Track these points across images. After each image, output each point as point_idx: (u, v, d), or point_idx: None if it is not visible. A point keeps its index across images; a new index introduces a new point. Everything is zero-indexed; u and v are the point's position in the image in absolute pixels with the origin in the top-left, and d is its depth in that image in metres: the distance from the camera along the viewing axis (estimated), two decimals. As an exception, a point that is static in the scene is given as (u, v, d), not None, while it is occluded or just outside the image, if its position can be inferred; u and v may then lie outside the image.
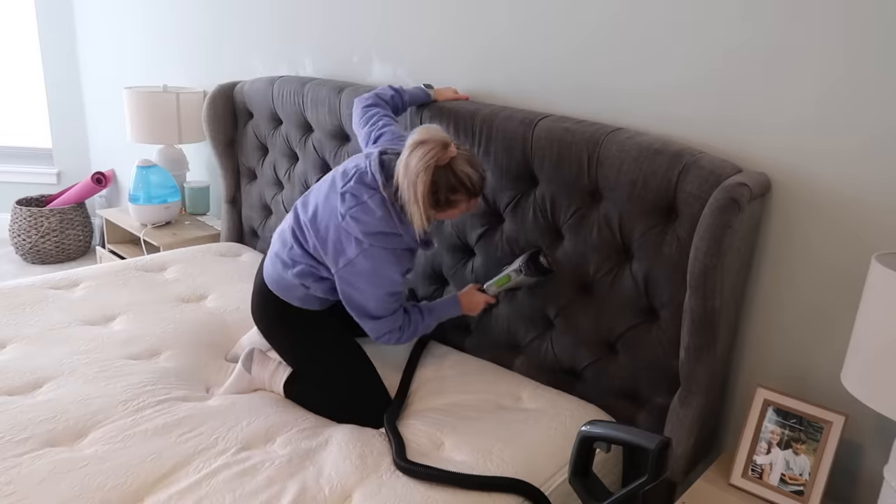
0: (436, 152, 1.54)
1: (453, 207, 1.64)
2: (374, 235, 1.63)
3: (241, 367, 1.80)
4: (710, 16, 1.61)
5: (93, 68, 3.94)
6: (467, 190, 1.61)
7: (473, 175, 1.61)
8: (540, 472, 1.53)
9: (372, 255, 1.63)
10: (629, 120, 1.80)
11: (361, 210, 1.63)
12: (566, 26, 1.87)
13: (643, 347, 1.72)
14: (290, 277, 1.74)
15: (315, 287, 1.74)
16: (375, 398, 1.73)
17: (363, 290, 1.66)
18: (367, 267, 1.63)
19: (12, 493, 1.33)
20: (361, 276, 1.64)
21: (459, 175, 1.59)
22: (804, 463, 1.52)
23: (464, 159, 1.60)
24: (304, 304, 1.77)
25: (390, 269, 1.65)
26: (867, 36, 1.41)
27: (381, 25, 2.33)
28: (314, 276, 1.73)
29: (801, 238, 1.58)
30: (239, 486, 1.40)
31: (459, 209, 1.66)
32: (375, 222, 1.63)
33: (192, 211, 3.24)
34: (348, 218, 1.64)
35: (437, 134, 1.57)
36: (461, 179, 1.59)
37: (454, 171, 1.58)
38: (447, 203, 1.62)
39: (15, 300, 2.11)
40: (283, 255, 1.76)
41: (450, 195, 1.60)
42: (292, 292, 1.76)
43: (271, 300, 1.79)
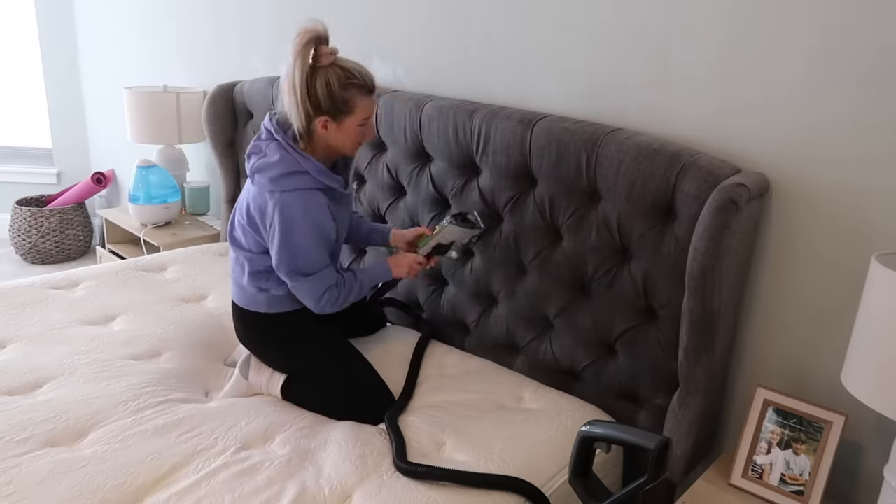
0: (310, 36, 1.51)
1: (351, 111, 1.59)
2: (279, 179, 1.60)
3: (238, 374, 1.80)
4: (710, 16, 1.61)
5: (93, 68, 3.94)
6: (357, 84, 1.57)
7: (362, 69, 1.58)
8: (541, 472, 1.53)
9: (285, 202, 1.60)
10: (628, 120, 1.80)
11: (262, 161, 1.63)
12: (566, 26, 1.87)
13: (642, 348, 1.72)
14: (246, 285, 1.74)
15: (271, 286, 1.73)
16: (372, 393, 1.73)
17: (289, 244, 1.62)
18: (286, 215, 1.60)
19: (12, 492, 1.33)
20: (285, 228, 1.61)
21: (347, 68, 1.56)
22: (804, 463, 1.52)
23: (347, 60, 1.59)
24: (273, 308, 1.75)
25: (310, 212, 1.61)
26: (867, 36, 1.41)
27: (381, 25, 2.33)
28: (264, 273, 1.71)
29: (800, 238, 1.58)
30: (238, 486, 1.40)
31: (356, 116, 1.61)
32: (276, 164, 1.61)
33: (192, 211, 3.24)
34: (256, 175, 1.63)
35: (314, 24, 1.54)
36: (350, 72, 1.56)
37: (340, 66, 1.56)
38: (343, 102, 1.57)
39: (15, 300, 2.11)
40: (234, 267, 1.77)
41: (343, 92, 1.56)
42: (256, 300, 1.75)
43: (245, 317, 1.79)
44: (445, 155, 2.00)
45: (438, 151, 2.01)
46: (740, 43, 1.58)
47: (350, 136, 1.65)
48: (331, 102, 1.57)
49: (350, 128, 1.63)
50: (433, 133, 2.00)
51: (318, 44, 1.54)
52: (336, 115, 1.60)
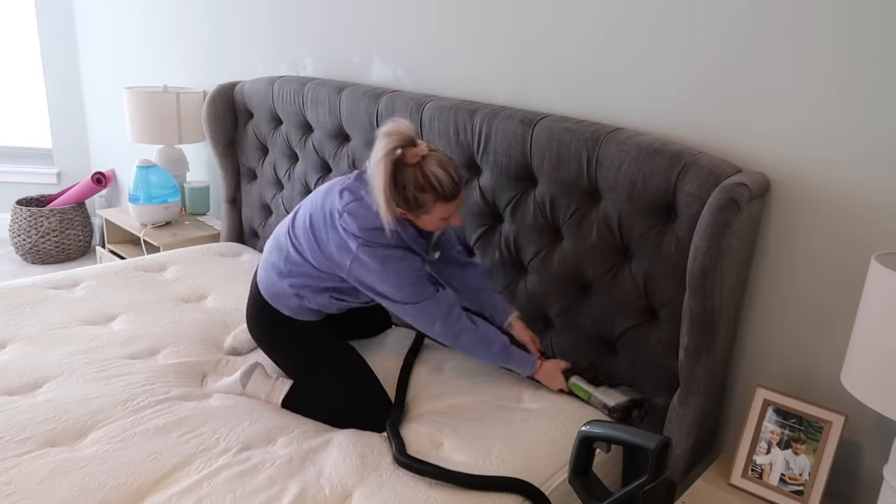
0: (396, 141, 1.52)
1: (424, 211, 1.60)
2: (371, 231, 1.60)
3: (237, 380, 1.77)
4: (711, 15, 1.61)
5: (93, 68, 3.94)
6: (435, 191, 1.56)
7: (442, 176, 1.56)
8: (540, 472, 1.53)
9: (371, 252, 1.60)
10: (628, 120, 1.80)
11: (359, 205, 1.62)
12: (566, 26, 1.87)
13: (642, 347, 1.72)
14: (284, 286, 1.73)
15: (311, 298, 1.73)
16: (375, 403, 1.71)
17: (382, 277, 1.62)
18: (372, 257, 1.60)
19: (12, 492, 1.33)
20: (372, 266, 1.61)
21: (427, 174, 1.55)
22: (804, 463, 1.52)
23: (435, 160, 1.57)
24: (296, 315, 1.76)
25: (395, 263, 1.61)
26: (868, 36, 1.41)
27: (382, 25, 2.33)
28: (312, 288, 1.71)
29: (800, 238, 1.59)
30: (239, 485, 1.40)
31: (433, 215, 1.61)
32: (372, 218, 1.60)
33: (192, 211, 3.24)
34: (346, 215, 1.62)
35: (402, 128, 1.54)
36: (429, 179, 1.55)
37: (422, 170, 1.55)
38: (416, 203, 1.58)
39: (15, 300, 2.11)
40: (279, 265, 1.74)
41: (417, 194, 1.56)
42: (285, 301, 1.74)
43: (264, 308, 1.77)
44: (446, 155, 2.00)
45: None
46: (741, 42, 1.58)
47: (430, 225, 1.65)
48: (404, 201, 1.58)
49: (427, 221, 1.63)
50: (434, 133, 2.00)
51: (403, 147, 1.54)
52: (411, 211, 1.60)
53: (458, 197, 1.61)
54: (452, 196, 1.59)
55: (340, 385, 1.73)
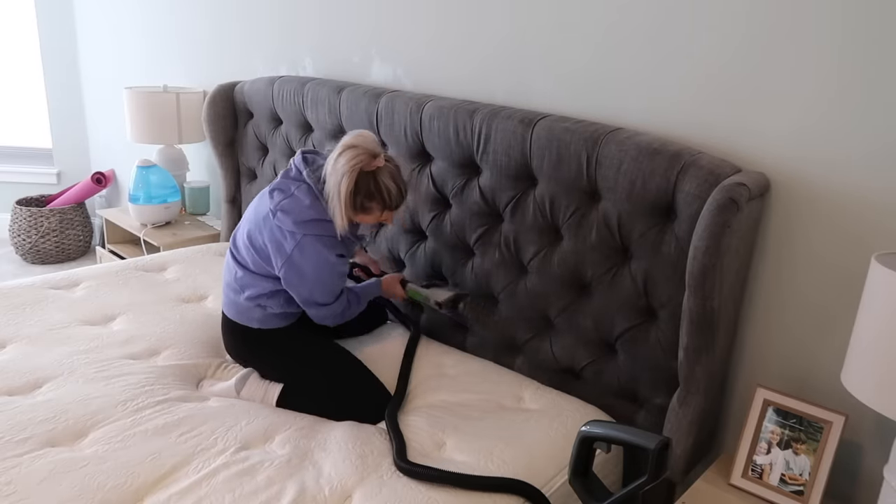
0: (363, 158, 1.63)
1: (367, 213, 1.72)
2: (306, 224, 1.68)
3: (232, 386, 1.78)
4: (711, 15, 1.61)
5: (93, 68, 3.94)
6: (383, 201, 1.69)
7: (393, 189, 1.69)
8: (541, 473, 1.53)
9: (307, 245, 1.68)
10: (628, 119, 1.80)
11: (290, 202, 1.69)
12: (566, 26, 1.87)
13: (642, 347, 1.72)
14: (242, 301, 1.78)
15: (271, 304, 1.78)
16: (368, 394, 1.74)
17: (307, 281, 1.71)
18: (305, 258, 1.68)
19: (12, 492, 1.33)
20: (303, 269, 1.69)
21: (380, 185, 1.67)
22: (804, 463, 1.52)
23: (388, 172, 1.68)
24: (265, 325, 1.80)
25: (329, 255, 1.70)
26: (868, 36, 1.41)
27: (381, 26, 2.33)
28: (266, 295, 1.77)
29: (800, 238, 1.58)
30: (238, 485, 1.40)
31: (373, 216, 1.73)
32: (305, 210, 1.68)
33: (192, 211, 3.24)
34: (279, 213, 1.69)
35: (368, 141, 1.65)
36: (380, 189, 1.67)
37: (376, 180, 1.67)
38: (362, 208, 1.70)
39: (15, 300, 2.11)
40: (232, 283, 1.80)
41: (365, 201, 1.68)
42: (249, 315, 1.79)
43: (235, 329, 1.83)
44: (446, 155, 2.00)
45: (439, 151, 2.01)
46: (741, 42, 1.58)
47: (365, 221, 1.77)
48: (351, 201, 1.67)
49: (364, 219, 1.76)
50: (433, 133, 2.00)
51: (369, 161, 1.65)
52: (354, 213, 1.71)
53: (401, 206, 1.75)
54: (397, 206, 1.73)
55: (326, 381, 1.75)
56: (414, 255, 2.16)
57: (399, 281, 2.00)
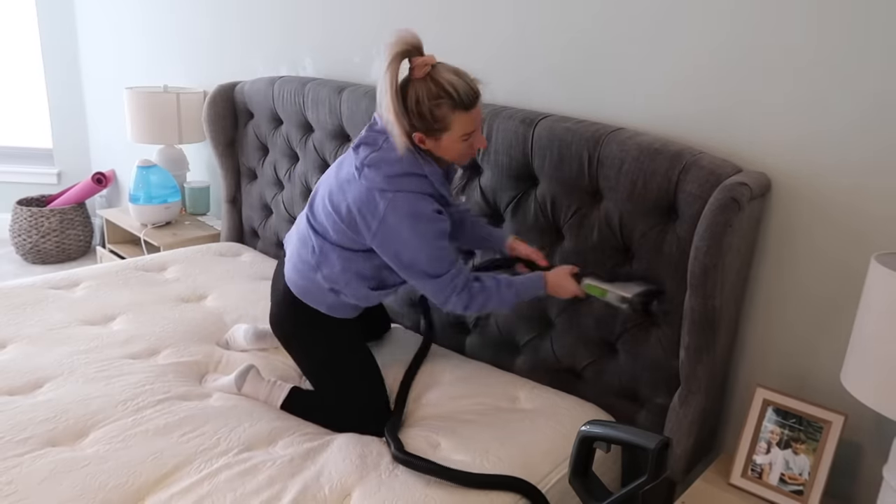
0: (400, 46, 1.40)
1: (443, 127, 1.46)
2: (398, 179, 1.48)
3: (232, 381, 1.76)
4: (711, 15, 1.61)
5: (93, 68, 3.94)
6: (451, 98, 1.43)
7: (457, 82, 1.44)
8: (537, 470, 1.53)
9: (401, 202, 1.48)
10: (629, 120, 1.80)
11: (378, 155, 1.50)
12: (566, 26, 1.87)
13: (643, 347, 1.72)
14: (319, 280, 1.63)
15: (347, 292, 1.64)
16: (382, 419, 1.66)
17: (408, 244, 1.49)
18: (401, 217, 1.47)
19: (13, 492, 1.33)
20: (400, 231, 1.48)
21: (440, 81, 1.43)
22: (804, 463, 1.52)
23: (446, 68, 1.46)
24: (333, 312, 1.67)
25: (425, 213, 1.49)
26: (869, 35, 1.41)
27: (382, 26, 2.33)
28: (346, 277, 1.61)
29: (800, 238, 1.59)
30: (240, 485, 1.40)
31: (454, 132, 1.47)
32: (396, 163, 1.48)
33: (192, 211, 3.24)
34: (366, 170, 1.50)
35: (407, 35, 1.42)
36: (442, 86, 1.43)
37: (433, 79, 1.43)
38: (433, 119, 1.45)
39: (15, 300, 2.11)
40: (307, 258, 1.64)
41: (433, 107, 1.44)
42: (321, 298, 1.65)
43: (297, 307, 1.68)
44: (446, 155, 2.00)
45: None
46: (741, 42, 1.58)
47: (453, 150, 1.53)
48: (421, 120, 1.46)
49: (449, 144, 1.51)
50: (434, 133, 2.00)
51: (409, 56, 1.43)
52: (430, 133, 1.49)
53: (477, 106, 1.49)
54: (470, 103, 1.46)
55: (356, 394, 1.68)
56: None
57: (571, 274, 1.65)
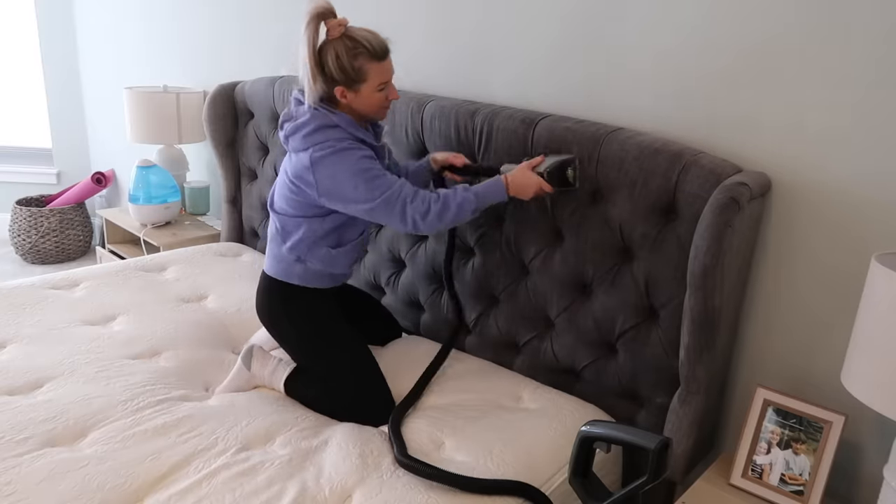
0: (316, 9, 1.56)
1: (364, 79, 1.62)
2: (312, 134, 1.64)
3: (240, 364, 1.80)
4: (711, 15, 1.61)
5: (93, 68, 3.94)
6: (367, 50, 1.60)
7: (369, 36, 1.61)
8: (540, 472, 1.53)
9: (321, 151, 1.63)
10: (629, 120, 1.80)
11: (294, 125, 1.67)
12: (566, 26, 1.87)
13: (643, 347, 1.72)
14: (284, 253, 1.76)
15: (311, 258, 1.75)
16: (378, 398, 1.72)
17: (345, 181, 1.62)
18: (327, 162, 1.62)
19: (12, 492, 1.33)
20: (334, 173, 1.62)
21: (355, 37, 1.59)
22: (804, 463, 1.52)
23: (359, 28, 1.63)
24: (306, 282, 1.78)
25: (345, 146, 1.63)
26: (869, 35, 1.41)
27: (382, 26, 2.33)
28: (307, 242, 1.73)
29: (801, 237, 1.58)
30: (239, 486, 1.40)
31: (371, 83, 1.63)
32: (307, 122, 1.65)
33: (192, 211, 3.24)
34: (289, 141, 1.69)
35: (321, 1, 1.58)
36: (357, 41, 1.59)
37: (349, 37, 1.60)
38: (353, 71, 1.61)
39: (15, 300, 2.11)
40: (275, 237, 1.79)
41: (352, 60, 1.60)
42: (291, 270, 1.77)
43: (274, 288, 1.81)
44: (446, 155, 2.00)
45: (440, 151, 2.01)
46: (741, 42, 1.58)
47: (372, 102, 1.67)
48: (342, 73, 1.61)
49: (368, 94, 1.65)
50: (435, 133, 2.00)
51: (324, 19, 1.59)
52: (350, 85, 1.63)
53: (388, 58, 1.65)
54: (384, 54, 1.63)
55: (350, 376, 1.73)
56: (415, 255, 2.16)
57: (531, 168, 1.68)
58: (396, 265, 2.25)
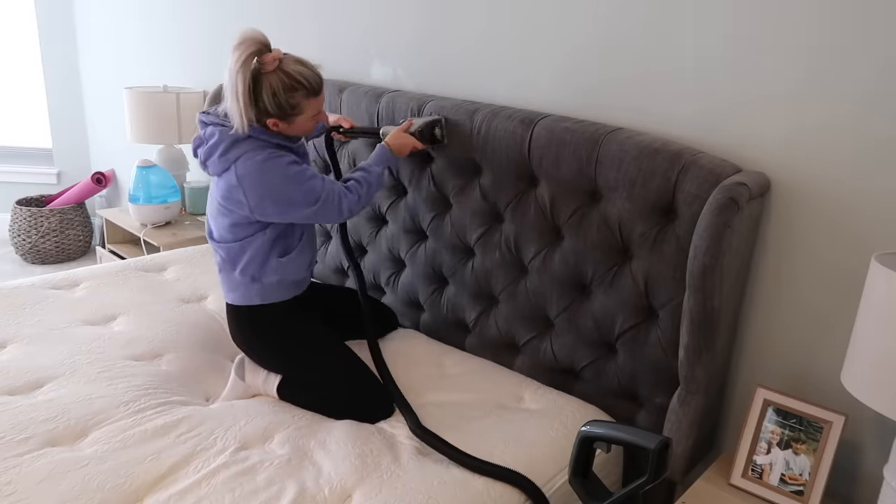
0: (250, 47, 1.54)
1: (299, 112, 1.64)
2: (228, 151, 1.63)
3: (234, 376, 1.79)
4: (711, 15, 1.61)
5: (93, 68, 3.94)
6: (304, 88, 1.61)
7: (307, 72, 1.62)
8: (542, 473, 1.53)
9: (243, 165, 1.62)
10: (629, 120, 1.80)
11: (206, 149, 1.67)
12: (566, 26, 1.87)
13: (643, 347, 1.72)
14: (237, 278, 1.76)
15: (265, 273, 1.74)
16: (372, 395, 1.73)
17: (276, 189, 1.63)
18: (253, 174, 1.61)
19: (12, 492, 1.33)
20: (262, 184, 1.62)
21: (292, 74, 1.59)
22: (804, 463, 1.52)
23: (293, 60, 1.62)
24: (267, 299, 1.77)
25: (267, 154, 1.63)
26: (869, 35, 1.41)
27: (382, 25, 2.33)
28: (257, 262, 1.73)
29: (800, 238, 1.59)
30: (238, 486, 1.40)
31: (306, 114, 1.66)
32: (219, 141, 1.64)
33: (192, 211, 3.24)
34: (207, 164, 1.68)
35: (254, 34, 1.56)
36: (294, 78, 1.59)
37: (285, 72, 1.59)
38: (290, 107, 1.62)
39: (15, 300, 2.11)
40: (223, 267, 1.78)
41: (289, 98, 1.60)
42: (250, 292, 1.76)
43: (240, 314, 1.80)
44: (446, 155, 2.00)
45: (439, 151, 2.01)
46: (741, 42, 1.58)
47: (302, 129, 1.71)
48: (278, 109, 1.62)
49: (301, 123, 1.68)
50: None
51: (260, 54, 1.57)
52: (285, 118, 1.65)
53: (323, 90, 1.68)
54: (320, 88, 1.66)
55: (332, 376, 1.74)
56: (414, 255, 2.16)
57: (405, 130, 1.88)
58: (396, 265, 2.25)
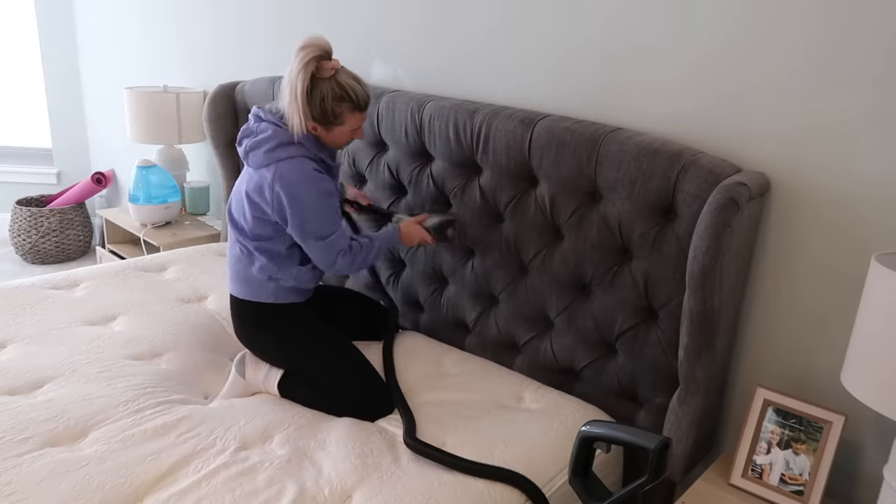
0: (314, 51, 1.60)
1: (340, 123, 1.69)
2: (274, 150, 1.67)
3: (234, 373, 1.79)
4: (710, 15, 1.61)
5: (93, 68, 3.94)
6: (351, 101, 1.67)
7: (357, 88, 1.67)
8: (541, 473, 1.53)
9: (283, 170, 1.66)
10: (628, 120, 1.80)
11: (254, 140, 1.70)
12: (566, 26, 1.87)
13: (642, 347, 1.72)
14: (254, 274, 1.77)
15: (283, 276, 1.76)
16: (368, 387, 1.74)
17: (299, 206, 1.67)
18: (287, 182, 1.65)
19: (12, 492, 1.33)
20: (292, 193, 1.66)
21: (343, 85, 1.65)
22: (804, 463, 1.52)
23: (348, 74, 1.68)
24: (280, 299, 1.79)
25: (308, 175, 1.67)
26: (869, 35, 1.41)
27: (382, 25, 2.33)
28: (276, 261, 1.75)
29: (800, 238, 1.58)
30: (238, 486, 1.40)
31: (346, 126, 1.70)
32: (269, 138, 1.68)
33: (192, 211, 3.24)
34: (249, 156, 1.71)
35: (319, 40, 1.62)
36: (345, 90, 1.65)
37: (338, 82, 1.65)
38: (333, 115, 1.67)
39: (15, 300, 2.11)
40: (241, 258, 1.79)
41: (335, 105, 1.66)
42: (264, 290, 1.78)
43: (247, 309, 1.80)
44: (446, 154, 2.00)
45: (439, 151, 2.01)
46: (741, 42, 1.58)
47: (339, 139, 1.74)
48: (322, 113, 1.66)
49: (338, 135, 1.73)
50: (434, 133, 2.00)
51: (320, 59, 1.63)
52: (326, 125, 1.69)
53: (368, 108, 1.75)
54: (366, 106, 1.72)
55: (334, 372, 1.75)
56: (414, 255, 2.16)
57: (420, 223, 1.92)
58: (396, 265, 2.25)
